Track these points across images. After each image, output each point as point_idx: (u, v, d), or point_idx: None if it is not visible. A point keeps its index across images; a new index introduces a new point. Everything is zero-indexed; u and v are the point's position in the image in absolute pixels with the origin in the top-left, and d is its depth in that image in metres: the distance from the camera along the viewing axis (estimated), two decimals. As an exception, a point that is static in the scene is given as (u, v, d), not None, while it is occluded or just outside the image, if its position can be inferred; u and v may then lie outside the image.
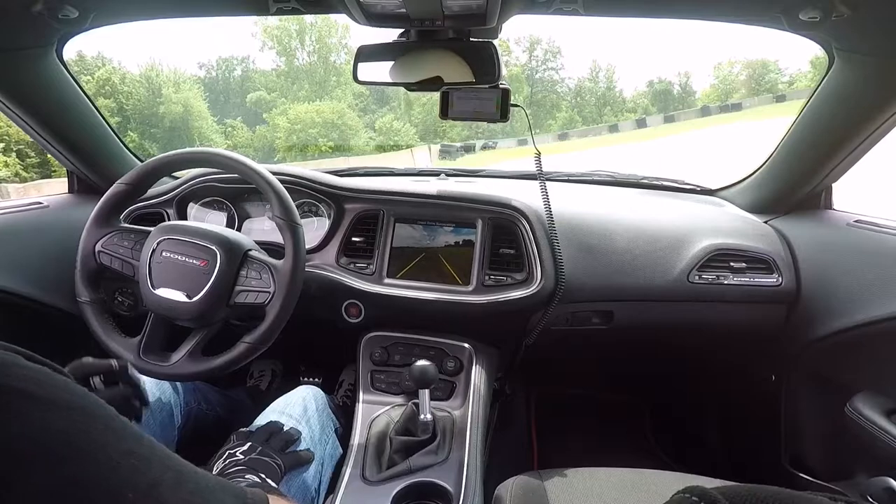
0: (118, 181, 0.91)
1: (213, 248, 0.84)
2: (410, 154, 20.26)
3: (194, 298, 0.82)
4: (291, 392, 0.95)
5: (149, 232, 0.88)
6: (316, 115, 32.69)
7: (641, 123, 32.93)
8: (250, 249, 0.88)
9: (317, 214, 1.14)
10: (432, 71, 0.88)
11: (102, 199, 0.91)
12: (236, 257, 0.85)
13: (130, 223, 1.13)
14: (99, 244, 0.89)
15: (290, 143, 32.60)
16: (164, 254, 0.85)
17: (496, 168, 1.51)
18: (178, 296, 0.82)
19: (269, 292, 0.83)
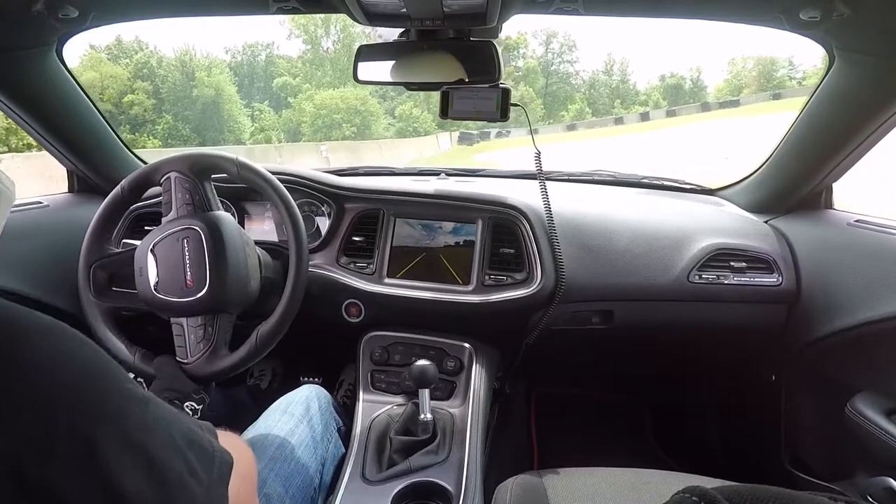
0: (235, 157, 0.91)
1: (207, 283, 0.81)
2: (436, 140, 22.50)
3: (157, 293, 0.82)
4: (294, 391, 0.95)
5: (209, 208, 0.88)
6: (340, 101, 34.31)
7: (645, 117, 34.20)
8: (226, 312, 0.86)
9: (317, 214, 1.14)
10: (432, 70, 0.88)
11: (213, 154, 0.91)
12: (211, 307, 0.83)
13: (132, 223, 1.13)
14: (175, 174, 0.88)
15: (316, 127, 34.35)
16: (185, 241, 0.83)
17: (496, 168, 1.51)
18: (152, 276, 0.83)
19: (187, 359, 0.83)
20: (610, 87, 53.62)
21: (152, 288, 0.83)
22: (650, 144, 17.56)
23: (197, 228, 0.83)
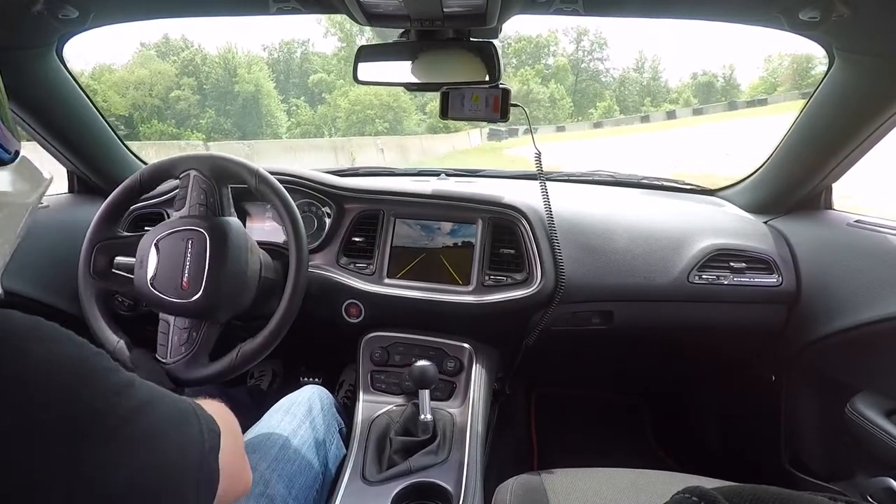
0: (256, 169, 0.91)
1: (202, 288, 0.82)
2: (467, 135, 23.93)
3: (151, 287, 0.82)
4: (297, 391, 0.95)
5: (221, 213, 0.89)
6: (374, 98, 35.50)
7: (671, 115, 34.43)
8: (213, 321, 0.86)
9: (317, 214, 1.14)
10: (432, 71, 0.88)
11: (235, 162, 0.92)
12: (200, 312, 0.84)
13: (132, 224, 1.13)
14: (195, 172, 0.89)
15: (350, 122, 36.23)
16: (190, 241, 0.84)
17: (496, 168, 1.52)
18: (150, 269, 0.83)
19: (166, 360, 0.83)
20: (640, 85, 54.03)
21: (148, 281, 0.83)
22: (668, 142, 18.25)
23: (203, 231, 0.84)
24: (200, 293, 0.82)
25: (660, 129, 24.94)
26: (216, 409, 0.50)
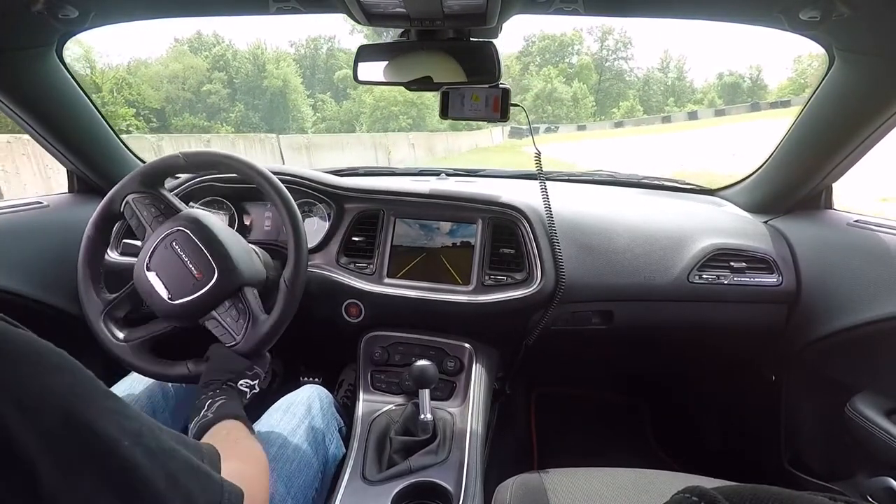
0: (178, 152, 0.90)
1: (215, 267, 0.81)
2: (489, 133, 25.10)
3: (174, 301, 0.81)
4: (297, 391, 0.95)
5: (178, 210, 0.88)
6: (398, 95, 35.95)
7: (693, 116, 34.67)
8: (248, 286, 0.85)
9: (317, 214, 1.14)
10: (432, 71, 0.88)
11: (157, 159, 0.90)
12: (230, 286, 0.82)
13: (126, 234, 1.13)
14: (131, 196, 0.88)
15: (375, 118, 37.28)
16: (173, 244, 0.83)
17: (496, 168, 1.52)
18: (161, 289, 0.82)
19: (235, 340, 0.81)
20: (665, 85, 53.88)
21: (168, 300, 0.81)
22: (683, 142, 18.61)
23: (178, 227, 0.83)
24: (217, 272, 0.81)
25: (680, 130, 25.26)
26: (241, 468, 0.48)
